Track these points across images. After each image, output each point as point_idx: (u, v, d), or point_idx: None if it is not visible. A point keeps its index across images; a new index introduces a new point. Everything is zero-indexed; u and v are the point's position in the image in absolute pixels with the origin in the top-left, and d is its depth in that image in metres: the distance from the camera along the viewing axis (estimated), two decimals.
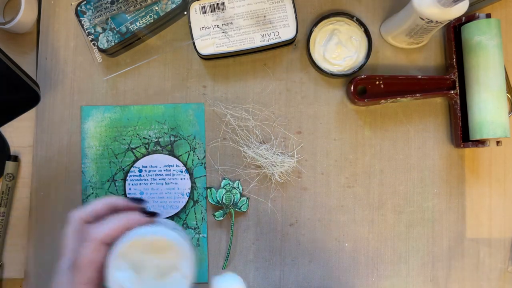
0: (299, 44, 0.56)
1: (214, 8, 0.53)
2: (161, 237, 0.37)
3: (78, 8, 0.53)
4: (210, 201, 0.54)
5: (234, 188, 0.54)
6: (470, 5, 0.54)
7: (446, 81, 0.54)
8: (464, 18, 0.53)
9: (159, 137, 0.56)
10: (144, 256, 0.37)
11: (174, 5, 0.53)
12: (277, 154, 0.55)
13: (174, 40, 0.57)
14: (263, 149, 0.54)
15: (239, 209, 0.54)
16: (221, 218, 0.54)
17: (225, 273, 0.38)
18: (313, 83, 0.56)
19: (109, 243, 0.37)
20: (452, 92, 0.54)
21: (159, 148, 0.56)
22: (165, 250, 0.37)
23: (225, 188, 0.54)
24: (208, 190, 0.54)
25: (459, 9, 0.46)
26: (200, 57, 0.55)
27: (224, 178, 0.54)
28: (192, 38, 0.53)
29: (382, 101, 0.53)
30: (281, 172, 0.54)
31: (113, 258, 0.36)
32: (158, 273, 0.37)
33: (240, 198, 0.54)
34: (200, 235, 0.55)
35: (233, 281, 0.38)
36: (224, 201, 0.54)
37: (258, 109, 0.56)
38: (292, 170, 0.55)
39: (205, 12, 0.53)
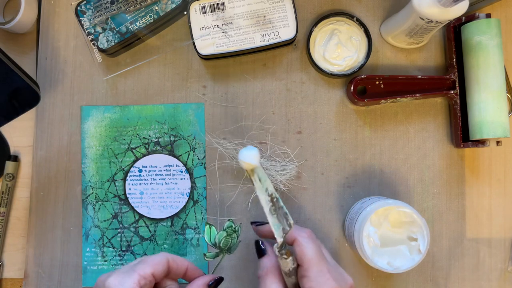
0: (299, 44, 0.56)
1: (214, 8, 0.53)
2: (408, 211, 0.47)
3: (78, 8, 0.53)
4: (206, 240, 0.49)
5: (235, 231, 0.50)
6: (470, 5, 0.54)
7: (446, 81, 0.54)
8: (464, 18, 0.53)
9: (159, 137, 0.56)
10: (386, 223, 0.47)
11: (174, 5, 0.53)
12: (278, 161, 0.54)
13: (174, 40, 0.57)
14: (263, 161, 0.53)
15: (230, 252, 0.50)
16: (211, 260, 0.49)
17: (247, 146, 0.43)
18: (313, 83, 0.56)
19: None
20: (452, 92, 0.54)
21: (159, 148, 0.56)
22: (408, 223, 0.48)
23: (227, 231, 0.50)
24: (207, 227, 0.49)
25: (459, 9, 0.46)
26: (200, 57, 0.55)
27: (229, 220, 0.49)
28: (192, 38, 0.53)
29: (382, 101, 0.53)
30: (281, 180, 0.54)
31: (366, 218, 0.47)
32: (397, 239, 0.47)
33: (238, 242, 0.50)
34: (200, 235, 0.55)
35: (253, 151, 0.42)
36: (221, 245, 0.49)
37: (259, 109, 0.56)
38: (294, 175, 0.55)
39: (205, 12, 0.53)
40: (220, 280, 0.46)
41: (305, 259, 0.43)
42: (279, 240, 0.42)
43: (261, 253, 0.46)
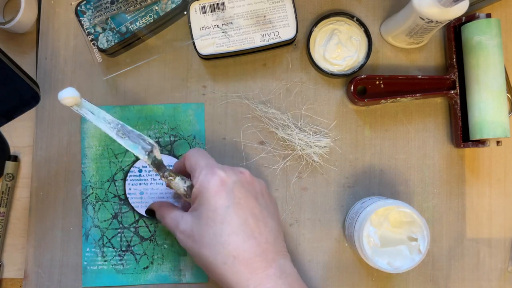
0: (299, 44, 0.56)
1: (214, 8, 0.53)
2: (408, 211, 0.47)
3: (78, 8, 0.53)
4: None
5: None
6: (470, 5, 0.54)
7: (446, 81, 0.54)
8: (464, 18, 0.53)
9: (159, 137, 0.56)
10: (387, 223, 0.48)
11: (174, 5, 0.53)
12: (310, 134, 0.54)
13: (174, 40, 0.57)
14: (296, 130, 0.53)
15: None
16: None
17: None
18: (313, 83, 0.56)
19: None
20: (452, 92, 0.54)
21: (159, 148, 0.56)
22: (408, 223, 0.48)
23: None
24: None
25: (459, 9, 0.46)
26: (200, 57, 0.55)
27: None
28: (192, 38, 0.53)
29: (382, 101, 0.53)
30: (313, 153, 0.53)
31: (366, 218, 0.47)
32: (397, 239, 0.48)
33: None
34: None
35: (70, 88, 0.43)
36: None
37: (259, 109, 0.56)
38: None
39: (205, 12, 0.53)
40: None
41: (192, 165, 0.45)
42: (144, 157, 0.43)
43: (152, 214, 0.51)
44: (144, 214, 0.54)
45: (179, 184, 0.45)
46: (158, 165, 0.44)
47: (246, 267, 0.41)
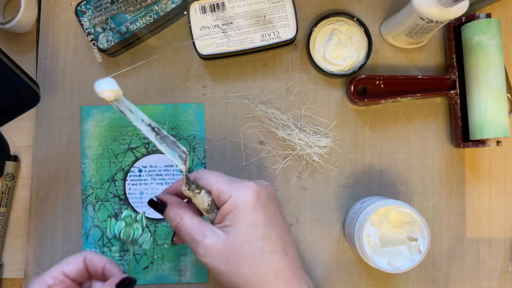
0: (299, 44, 0.56)
1: (214, 8, 0.53)
2: (408, 211, 0.47)
3: (78, 8, 0.53)
4: (108, 233, 0.46)
5: (136, 221, 0.46)
6: (470, 5, 0.54)
7: (446, 81, 0.54)
8: (464, 18, 0.53)
9: None
10: (387, 223, 0.47)
11: (174, 5, 0.53)
12: (310, 134, 0.53)
13: (174, 40, 0.56)
14: (295, 131, 0.53)
15: (140, 246, 0.46)
16: (116, 255, 0.45)
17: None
18: (313, 83, 0.56)
19: None
20: (452, 92, 0.54)
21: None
22: (408, 223, 0.47)
23: (125, 221, 0.47)
24: (109, 219, 0.45)
25: (459, 9, 0.46)
26: (200, 57, 0.55)
27: (126, 209, 0.45)
28: (192, 38, 0.53)
29: (382, 101, 0.53)
30: (313, 153, 0.53)
31: (366, 218, 0.46)
32: (397, 239, 0.48)
33: (142, 235, 0.46)
34: None
35: (109, 79, 0.38)
36: (122, 236, 0.46)
37: (259, 109, 0.56)
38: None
39: (205, 12, 0.53)
40: (130, 281, 0.41)
41: (212, 182, 0.42)
42: (182, 166, 0.39)
43: (161, 206, 0.43)
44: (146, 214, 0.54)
45: (204, 198, 0.41)
46: (188, 177, 0.40)
47: (286, 284, 0.41)
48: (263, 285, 0.40)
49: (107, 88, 0.37)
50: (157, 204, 0.44)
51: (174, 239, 0.47)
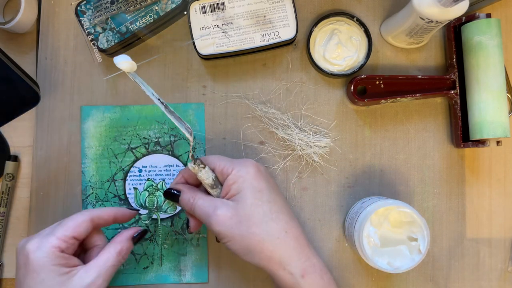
0: (299, 44, 0.56)
1: (214, 8, 0.53)
2: (408, 211, 0.47)
3: (78, 8, 0.53)
4: (135, 203, 0.52)
5: (158, 190, 0.51)
6: (470, 5, 0.54)
7: (446, 81, 0.54)
8: (464, 18, 0.53)
9: (159, 137, 0.56)
10: (386, 223, 0.48)
11: (174, 5, 0.53)
12: (310, 134, 0.54)
13: (174, 40, 0.57)
14: (296, 131, 0.53)
15: (165, 211, 0.51)
16: (146, 222, 0.50)
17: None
18: (313, 83, 0.56)
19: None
20: (452, 92, 0.54)
21: (159, 148, 0.56)
22: (408, 223, 0.48)
23: (148, 191, 0.52)
24: (134, 191, 0.51)
25: (459, 9, 0.46)
26: (200, 57, 0.55)
27: (147, 179, 0.51)
28: (192, 38, 0.53)
29: (382, 101, 0.53)
30: (313, 153, 0.54)
31: (367, 218, 0.47)
32: (397, 239, 0.48)
33: (165, 200, 0.51)
34: (200, 235, 0.55)
35: (125, 55, 0.44)
36: (147, 205, 0.52)
37: (259, 109, 0.56)
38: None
39: (205, 12, 0.53)
40: (144, 232, 0.48)
41: (215, 161, 0.47)
42: (189, 137, 0.45)
43: (175, 195, 0.48)
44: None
45: (209, 173, 0.46)
46: (193, 152, 0.46)
47: (296, 242, 0.44)
48: (275, 242, 0.43)
49: (122, 59, 0.43)
50: (173, 193, 0.48)
51: (189, 226, 0.49)
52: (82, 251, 0.47)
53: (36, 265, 0.40)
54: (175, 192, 0.48)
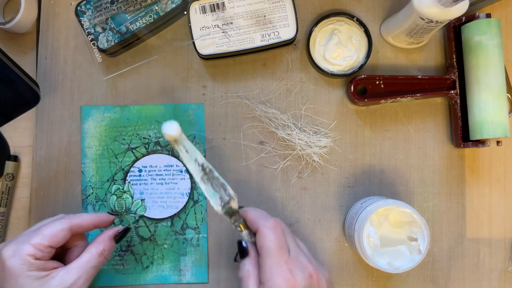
0: (299, 44, 0.56)
1: (214, 8, 0.53)
2: (408, 211, 0.47)
3: (78, 8, 0.53)
4: (108, 210, 0.53)
5: (125, 192, 0.52)
6: (470, 5, 0.54)
7: (446, 81, 0.54)
8: (464, 18, 0.53)
9: (159, 137, 0.56)
10: (387, 223, 0.48)
11: (174, 5, 0.53)
12: (310, 134, 0.54)
13: (174, 40, 0.57)
14: (296, 131, 0.53)
15: (135, 213, 0.52)
16: (120, 226, 0.49)
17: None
18: (313, 83, 0.56)
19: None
20: (452, 92, 0.54)
21: (159, 148, 0.56)
22: (408, 223, 0.48)
23: (116, 194, 0.52)
24: (108, 196, 0.52)
25: (459, 9, 0.46)
26: (200, 57, 0.55)
27: (114, 183, 0.51)
28: (192, 38, 0.53)
29: (382, 101, 0.53)
30: (313, 153, 0.53)
31: (367, 219, 0.47)
32: (397, 240, 0.48)
33: (133, 202, 0.52)
34: (200, 235, 0.55)
35: (174, 122, 0.43)
36: (117, 208, 0.53)
37: (259, 109, 0.56)
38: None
39: (205, 12, 0.53)
40: (126, 230, 0.48)
41: (263, 249, 0.43)
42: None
43: (243, 253, 0.45)
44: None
45: (244, 237, 0.45)
46: (231, 214, 0.45)
47: None
48: None
49: (169, 131, 0.43)
50: (243, 250, 0.45)
51: (236, 259, 0.48)
52: (61, 250, 0.46)
53: (13, 271, 0.40)
54: (246, 249, 0.45)
